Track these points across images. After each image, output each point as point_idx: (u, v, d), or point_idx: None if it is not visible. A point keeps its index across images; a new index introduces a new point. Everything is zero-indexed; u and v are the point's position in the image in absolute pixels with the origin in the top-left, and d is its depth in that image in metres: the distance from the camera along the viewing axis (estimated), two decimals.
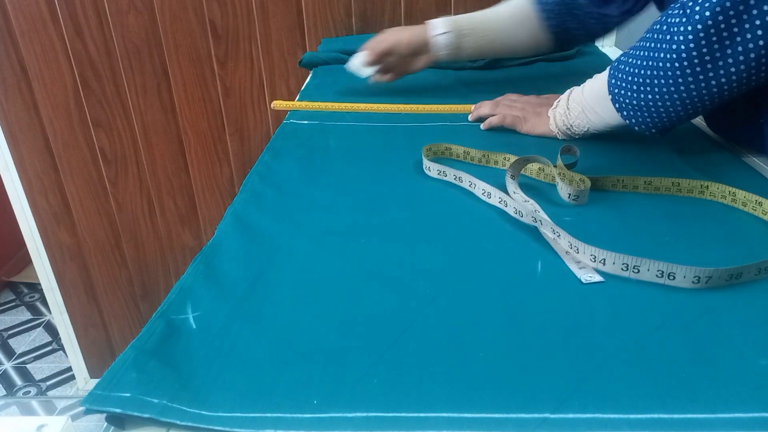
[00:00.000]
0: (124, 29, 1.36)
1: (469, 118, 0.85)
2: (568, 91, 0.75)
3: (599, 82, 0.69)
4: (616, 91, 0.66)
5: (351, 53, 1.17)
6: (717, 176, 0.63)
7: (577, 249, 0.50)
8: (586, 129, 0.73)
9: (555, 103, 0.76)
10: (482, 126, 0.82)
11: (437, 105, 0.90)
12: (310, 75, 1.15)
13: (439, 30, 0.88)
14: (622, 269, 0.48)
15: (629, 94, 0.64)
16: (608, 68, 0.68)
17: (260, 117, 1.44)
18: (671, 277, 0.46)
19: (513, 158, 0.67)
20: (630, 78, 0.64)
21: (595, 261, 0.49)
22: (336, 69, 1.15)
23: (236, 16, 1.34)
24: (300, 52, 1.36)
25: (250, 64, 1.38)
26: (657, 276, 0.46)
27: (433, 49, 0.90)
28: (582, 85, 0.73)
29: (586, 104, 0.71)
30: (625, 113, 0.66)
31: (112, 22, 1.35)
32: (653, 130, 0.66)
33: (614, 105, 0.67)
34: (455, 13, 1.30)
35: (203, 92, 1.42)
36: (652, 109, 0.63)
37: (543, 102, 0.81)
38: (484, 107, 0.84)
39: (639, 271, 0.47)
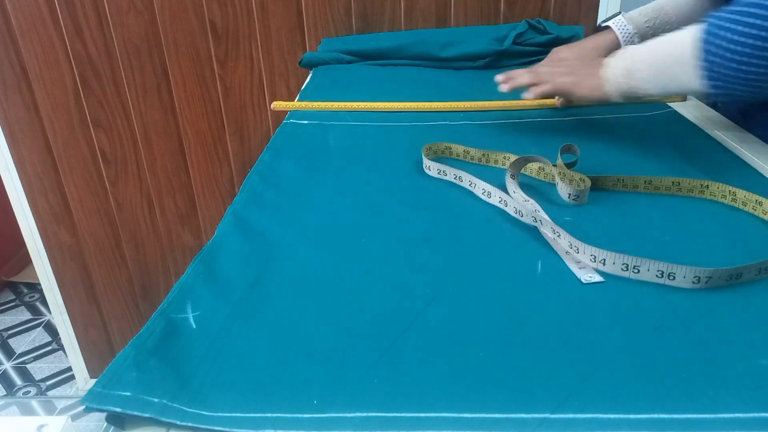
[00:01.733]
0: (124, 29, 1.35)
1: (504, 89, 0.81)
2: (622, 50, 0.72)
3: (677, 46, 0.65)
4: (710, 58, 0.61)
5: (351, 53, 1.18)
6: (717, 176, 0.63)
7: (577, 249, 0.50)
8: (652, 93, 0.70)
9: (605, 62, 0.72)
10: (528, 95, 0.78)
11: (440, 102, 0.90)
12: (310, 75, 1.15)
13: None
14: (622, 269, 0.48)
15: (727, 64, 0.59)
16: (694, 31, 0.63)
17: (260, 117, 1.44)
18: (671, 277, 0.46)
19: (513, 157, 0.67)
20: (732, 47, 0.59)
21: (595, 261, 0.49)
22: (336, 69, 1.15)
23: (236, 16, 1.34)
24: (300, 52, 1.36)
25: (250, 64, 1.38)
26: (657, 276, 0.46)
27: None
28: (644, 45, 0.69)
29: (660, 68, 0.67)
30: (713, 83, 0.61)
31: (112, 22, 1.35)
32: (736, 103, 0.63)
33: (704, 72, 0.61)
34: (454, 13, 1.31)
35: (203, 92, 1.42)
36: (754, 84, 0.60)
37: (590, 62, 0.75)
38: (521, 76, 0.79)
39: (639, 271, 0.47)
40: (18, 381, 1.85)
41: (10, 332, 2.06)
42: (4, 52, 1.38)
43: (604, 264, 0.48)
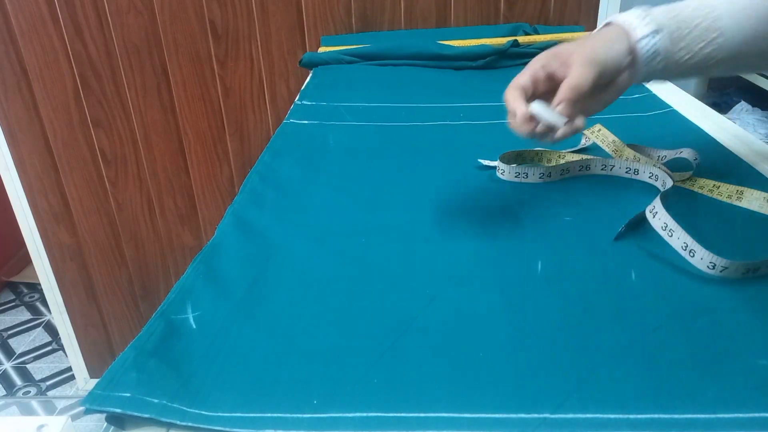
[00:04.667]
0: (124, 29, 1.35)
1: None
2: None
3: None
4: None
5: (351, 54, 1.18)
6: (718, 176, 0.63)
7: (654, 211, 0.52)
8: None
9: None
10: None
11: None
12: (310, 75, 1.15)
13: (645, 30, 0.51)
14: (662, 228, 0.51)
15: None
16: None
17: (260, 117, 1.44)
18: (692, 254, 0.48)
19: (569, 155, 0.67)
20: None
21: (654, 215, 0.52)
22: (336, 69, 1.15)
23: (236, 16, 1.34)
24: (300, 52, 1.36)
25: (250, 64, 1.38)
26: (682, 248, 0.49)
27: (639, 63, 0.52)
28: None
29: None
30: None
31: (112, 22, 1.35)
32: None
33: None
34: (454, 13, 1.31)
35: (203, 92, 1.42)
36: None
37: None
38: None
39: (672, 235, 0.50)
40: (18, 381, 1.85)
41: (10, 332, 2.06)
42: (4, 52, 1.38)
43: (655, 215, 0.52)
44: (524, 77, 0.51)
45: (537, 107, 0.49)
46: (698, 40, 0.52)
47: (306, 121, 0.87)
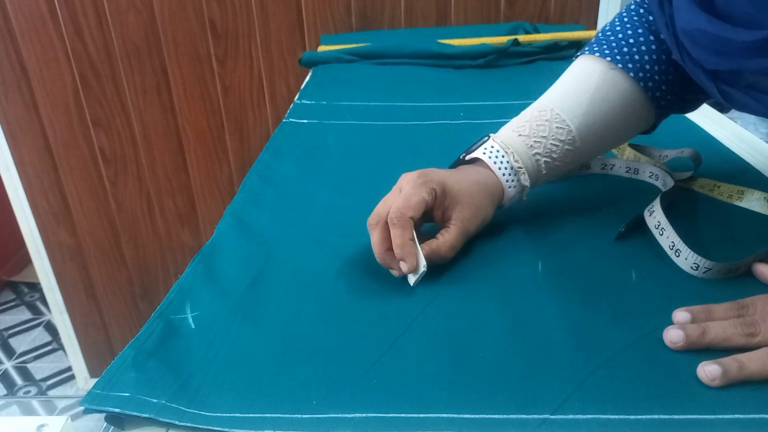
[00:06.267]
0: (123, 29, 1.35)
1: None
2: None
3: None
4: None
5: (351, 53, 1.18)
6: (719, 177, 0.63)
7: (652, 209, 0.52)
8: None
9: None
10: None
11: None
12: (310, 74, 1.15)
13: (514, 192, 0.54)
14: (655, 226, 0.50)
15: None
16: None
17: (260, 116, 1.44)
18: (677, 254, 0.48)
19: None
20: None
21: (650, 214, 0.52)
22: (336, 68, 1.15)
23: (236, 15, 1.34)
24: (299, 51, 1.36)
25: (249, 63, 1.38)
26: (669, 247, 0.49)
27: (504, 206, 0.56)
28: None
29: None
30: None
31: (111, 21, 1.35)
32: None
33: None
34: (455, 12, 1.30)
35: (203, 91, 1.42)
36: None
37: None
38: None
39: (662, 234, 0.50)
40: (18, 381, 1.85)
41: (10, 332, 2.06)
42: (4, 52, 1.38)
43: (651, 213, 0.51)
44: (416, 208, 0.49)
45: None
46: (559, 170, 0.56)
47: (305, 120, 0.87)
